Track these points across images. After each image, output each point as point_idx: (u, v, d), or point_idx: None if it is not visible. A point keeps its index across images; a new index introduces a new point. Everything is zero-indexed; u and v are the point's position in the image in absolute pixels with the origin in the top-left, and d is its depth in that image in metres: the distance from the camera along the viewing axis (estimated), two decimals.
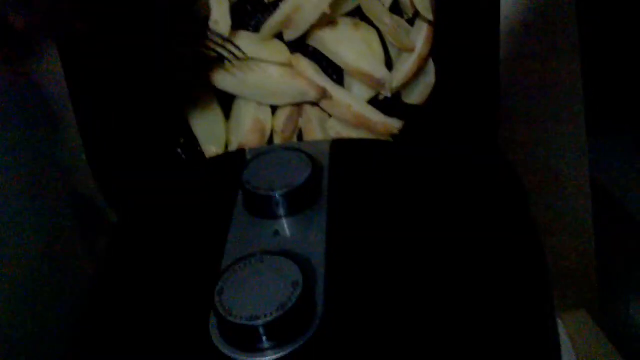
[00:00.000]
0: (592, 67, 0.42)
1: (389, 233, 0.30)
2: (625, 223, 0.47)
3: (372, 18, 0.41)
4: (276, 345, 0.25)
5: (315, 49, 0.42)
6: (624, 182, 0.49)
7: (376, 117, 0.42)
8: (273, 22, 0.40)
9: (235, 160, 0.35)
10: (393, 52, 0.42)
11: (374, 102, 0.43)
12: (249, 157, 0.35)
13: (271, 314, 0.25)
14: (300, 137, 0.43)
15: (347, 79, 0.42)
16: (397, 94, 0.43)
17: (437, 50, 0.41)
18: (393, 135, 0.42)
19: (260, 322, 0.25)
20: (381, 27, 0.42)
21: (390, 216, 0.31)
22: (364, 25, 0.42)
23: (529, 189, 0.33)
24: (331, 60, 0.42)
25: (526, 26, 0.40)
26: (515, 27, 0.40)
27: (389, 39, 0.41)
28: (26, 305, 0.37)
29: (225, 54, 0.40)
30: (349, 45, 0.41)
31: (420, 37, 0.41)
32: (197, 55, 0.40)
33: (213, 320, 0.27)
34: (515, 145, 0.43)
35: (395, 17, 0.41)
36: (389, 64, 0.42)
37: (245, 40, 0.41)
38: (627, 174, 0.50)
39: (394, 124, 0.42)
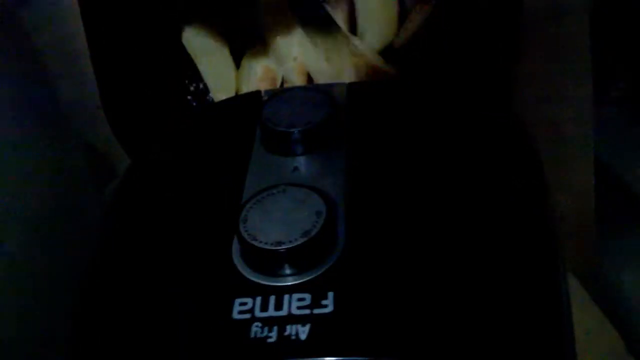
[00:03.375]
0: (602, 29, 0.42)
1: (406, 173, 0.31)
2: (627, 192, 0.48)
3: None
4: (298, 271, 0.26)
5: None
6: (626, 152, 0.49)
7: (387, 67, 0.42)
8: None
9: (250, 100, 0.35)
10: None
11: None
12: (265, 97, 0.35)
13: (295, 240, 0.25)
14: None
15: (360, 28, 0.42)
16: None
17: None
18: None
19: (284, 247, 0.25)
20: None
21: (407, 157, 0.32)
22: None
23: None
24: None
25: None
26: None
27: None
28: (37, 249, 0.37)
29: None
30: None
31: None
32: None
33: (236, 247, 0.27)
34: (521, 103, 0.43)
35: None
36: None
37: None
38: (629, 143, 0.50)
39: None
